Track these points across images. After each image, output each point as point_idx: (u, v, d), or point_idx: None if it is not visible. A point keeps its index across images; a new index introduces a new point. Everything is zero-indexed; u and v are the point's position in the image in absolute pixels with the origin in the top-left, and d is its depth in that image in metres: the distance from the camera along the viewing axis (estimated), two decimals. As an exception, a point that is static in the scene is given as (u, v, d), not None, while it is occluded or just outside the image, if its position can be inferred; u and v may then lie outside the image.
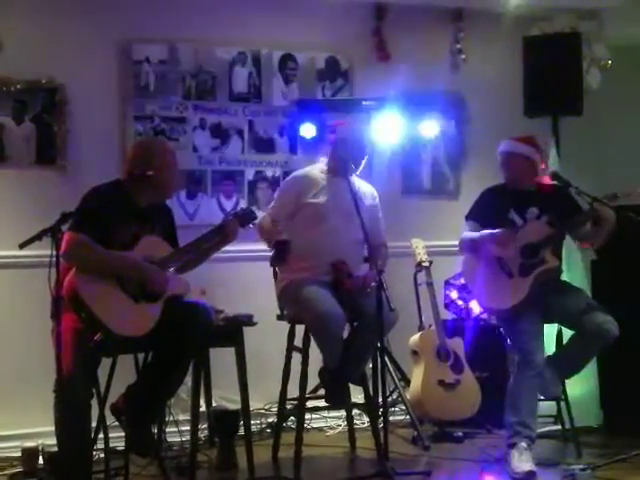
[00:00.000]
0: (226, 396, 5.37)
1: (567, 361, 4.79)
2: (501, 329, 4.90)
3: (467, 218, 5.04)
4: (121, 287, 4.12)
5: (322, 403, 4.94)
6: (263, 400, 5.54)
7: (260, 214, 4.88)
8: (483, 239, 4.85)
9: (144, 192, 4.31)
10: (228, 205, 5.70)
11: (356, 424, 5.35)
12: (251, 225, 4.62)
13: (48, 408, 4.04)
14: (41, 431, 4.78)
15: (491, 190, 5.08)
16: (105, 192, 4.25)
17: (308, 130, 5.44)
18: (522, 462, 4.50)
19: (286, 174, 5.55)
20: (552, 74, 5.74)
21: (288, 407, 5.05)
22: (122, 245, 4.19)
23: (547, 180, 5.02)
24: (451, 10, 6.25)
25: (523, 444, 4.55)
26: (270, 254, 4.96)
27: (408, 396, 5.41)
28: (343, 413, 5.42)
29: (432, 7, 6.15)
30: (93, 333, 4.03)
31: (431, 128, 5.93)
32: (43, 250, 3.98)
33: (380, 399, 4.78)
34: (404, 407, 5.50)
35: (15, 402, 5.09)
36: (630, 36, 6.33)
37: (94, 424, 4.31)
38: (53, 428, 4.03)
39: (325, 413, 5.58)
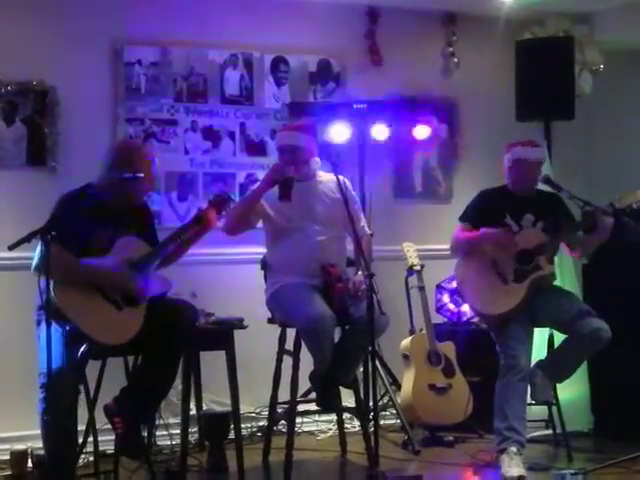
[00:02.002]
0: (216, 400, 5.36)
1: (559, 365, 4.79)
2: (491, 333, 4.87)
3: (461, 219, 5.02)
4: (102, 294, 4.10)
5: (313, 407, 4.92)
6: (254, 404, 5.52)
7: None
8: (483, 237, 4.83)
9: (119, 194, 4.27)
10: (219, 208, 5.68)
11: (347, 428, 5.35)
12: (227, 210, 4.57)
13: (37, 411, 4.02)
14: (30, 434, 4.75)
15: (489, 192, 5.05)
16: (75, 197, 4.22)
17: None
18: (512, 467, 4.49)
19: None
20: (544, 78, 5.75)
21: (279, 411, 5.04)
22: (100, 249, 4.16)
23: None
24: (444, 14, 6.25)
25: (513, 449, 4.53)
26: (259, 261, 4.99)
27: (399, 400, 5.40)
28: (334, 417, 5.42)
29: (425, 11, 6.15)
30: (79, 342, 4.02)
31: (423, 132, 5.93)
32: (33, 252, 3.98)
33: (371, 403, 4.77)
34: (395, 411, 5.49)
35: (4, 405, 5.06)
36: (622, 40, 6.33)
37: (83, 427, 4.30)
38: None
39: (316, 417, 5.56)
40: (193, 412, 4.92)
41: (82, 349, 4.03)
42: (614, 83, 6.37)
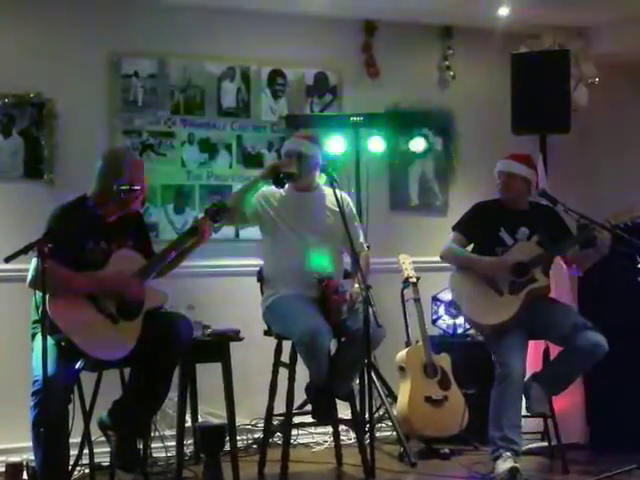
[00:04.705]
0: (212, 411, 5.35)
1: (554, 378, 4.80)
2: (486, 344, 4.89)
3: (454, 229, 5.04)
4: (97, 309, 4.09)
5: (309, 419, 4.92)
6: (249, 416, 5.52)
7: None
8: (474, 265, 4.86)
9: (112, 205, 4.27)
10: (216, 220, 5.68)
11: (343, 440, 5.33)
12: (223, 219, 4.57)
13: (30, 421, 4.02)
14: (26, 446, 4.73)
15: (484, 205, 5.08)
16: (70, 210, 4.21)
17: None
18: (506, 464, 4.49)
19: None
20: (540, 91, 5.77)
21: (275, 423, 5.03)
22: (95, 264, 4.15)
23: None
24: (440, 27, 6.27)
25: (508, 453, 4.54)
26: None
27: (395, 412, 5.40)
28: (330, 429, 5.40)
29: (421, 24, 6.17)
30: (75, 357, 4.02)
31: (419, 144, 5.94)
32: (29, 264, 3.98)
33: (367, 415, 4.77)
34: (391, 423, 5.48)
35: None
36: (617, 53, 6.35)
37: (78, 439, 4.31)
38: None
39: (312, 429, 5.55)
40: (189, 424, 4.92)
41: (78, 365, 4.03)
42: (610, 96, 6.38)
